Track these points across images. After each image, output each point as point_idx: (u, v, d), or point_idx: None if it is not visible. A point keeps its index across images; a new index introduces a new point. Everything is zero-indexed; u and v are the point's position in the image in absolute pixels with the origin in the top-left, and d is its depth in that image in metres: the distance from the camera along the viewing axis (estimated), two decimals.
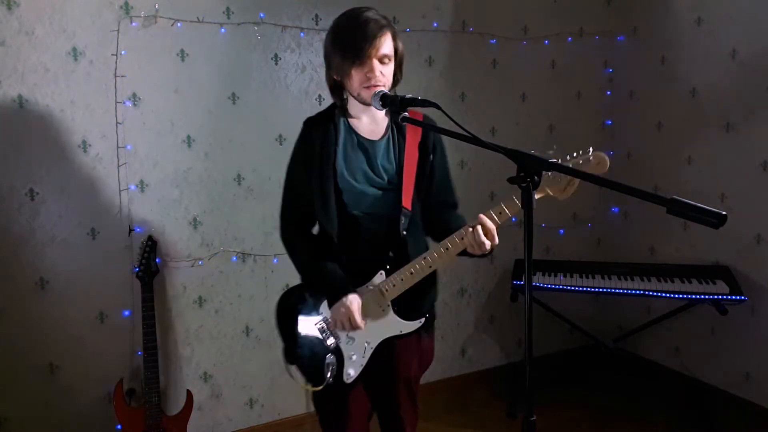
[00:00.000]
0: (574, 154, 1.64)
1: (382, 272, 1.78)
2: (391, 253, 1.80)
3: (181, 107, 2.67)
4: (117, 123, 2.55)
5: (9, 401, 2.49)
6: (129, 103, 2.57)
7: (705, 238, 3.19)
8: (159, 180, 2.67)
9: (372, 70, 1.68)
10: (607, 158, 1.61)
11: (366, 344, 1.80)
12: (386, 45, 1.69)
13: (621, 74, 3.67)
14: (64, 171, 2.50)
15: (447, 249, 1.72)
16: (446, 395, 3.38)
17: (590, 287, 3.08)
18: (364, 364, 1.80)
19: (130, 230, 2.61)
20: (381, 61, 1.69)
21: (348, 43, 1.67)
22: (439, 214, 1.92)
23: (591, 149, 1.63)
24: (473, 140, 1.39)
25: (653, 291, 2.96)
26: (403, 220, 1.80)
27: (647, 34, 3.50)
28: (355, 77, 1.70)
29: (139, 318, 2.54)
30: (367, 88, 1.69)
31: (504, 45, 3.34)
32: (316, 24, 2.87)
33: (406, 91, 1.68)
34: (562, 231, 3.67)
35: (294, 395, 3.03)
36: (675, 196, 1.06)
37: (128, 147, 2.58)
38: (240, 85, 2.77)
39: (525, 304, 1.30)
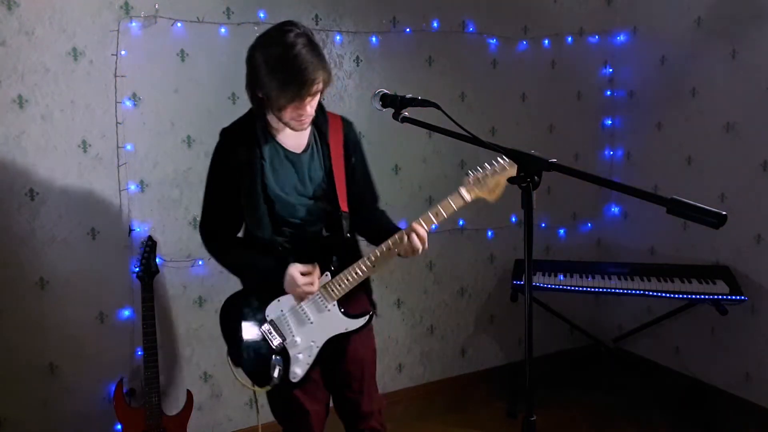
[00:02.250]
0: (493, 162, 1.78)
1: (328, 273, 1.84)
2: (335, 257, 1.85)
3: (181, 107, 2.67)
4: (117, 123, 2.55)
5: (9, 401, 2.49)
6: (129, 103, 2.57)
7: (705, 238, 3.19)
8: (159, 180, 2.67)
9: (304, 110, 1.72)
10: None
11: (312, 343, 1.85)
12: (318, 86, 1.69)
13: (621, 74, 3.67)
14: (64, 171, 2.50)
15: (388, 249, 1.79)
16: (446, 395, 3.38)
17: (590, 287, 3.08)
18: (310, 363, 1.85)
19: (130, 230, 2.61)
20: (312, 96, 1.71)
21: (286, 85, 1.66)
22: (366, 212, 1.98)
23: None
24: (473, 140, 1.39)
25: (653, 291, 2.96)
26: (344, 223, 1.87)
27: (647, 34, 3.50)
28: (288, 112, 1.72)
29: (139, 318, 2.54)
30: (297, 120, 1.74)
31: (504, 45, 3.35)
32: (316, 24, 2.87)
33: (406, 91, 1.69)
34: (562, 231, 3.67)
35: None
36: (675, 196, 1.06)
37: (128, 147, 2.58)
38: (240, 85, 2.71)
39: (525, 304, 1.30)
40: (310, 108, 1.73)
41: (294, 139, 1.86)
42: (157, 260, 2.57)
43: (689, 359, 3.36)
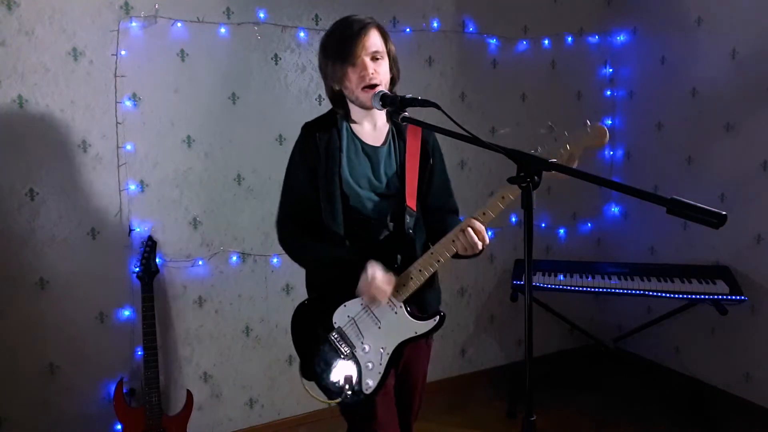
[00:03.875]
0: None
1: (392, 273, 1.73)
2: (399, 256, 1.78)
3: (181, 107, 2.67)
4: (117, 123, 2.55)
5: (9, 401, 2.49)
6: (129, 103, 2.57)
7: (705, 238, 3.19)
8: (159, 180, 2.67)
9: (365, 68, 1.68)
10: (605, 128, 1.68)
11: (381, 350, 1.75)
12: (373, 41, 1.69)
13: (621, 74, 3.67)
14: (64, 171, 2.49)
15: (450, 242, 1.69)
16: (446, 395, 3.38)
17: (590, 287, 3.08)
18: (382, 372, 1.74)
19: (130, 230, 2.61)
20: (373, 59, 1.69)
21: (337, 47, 1.69)
22: (439, 219, 1.90)
23: (588, 122, 1.71)
24: (473, 140, 1.39)
25: (653, 291, 2.96)
26: (408, 219, 1.80)
27: (647, 34, 3.50)
28: (352, 79, 1.70)
29: (139, 318, 2.54)
30: (365, 89, 1.69)
31: (504, 45, 3.35)
32: (316, 24, 2.87)
33: (406, 91, 1.69)
34: (562, 231, 3.67)
35: (294, 395, 3.03)
36: (675, 196, 1.06)
37: (128, 147, 2.58)
38: (240, 85, 2.77)
39: (525, 304, 1.30)
40: (373, 70, 1.68)
41: (372, 132, 1.82)
42: (157, 260, 2.58)
43: (689, 359, 3.36)
